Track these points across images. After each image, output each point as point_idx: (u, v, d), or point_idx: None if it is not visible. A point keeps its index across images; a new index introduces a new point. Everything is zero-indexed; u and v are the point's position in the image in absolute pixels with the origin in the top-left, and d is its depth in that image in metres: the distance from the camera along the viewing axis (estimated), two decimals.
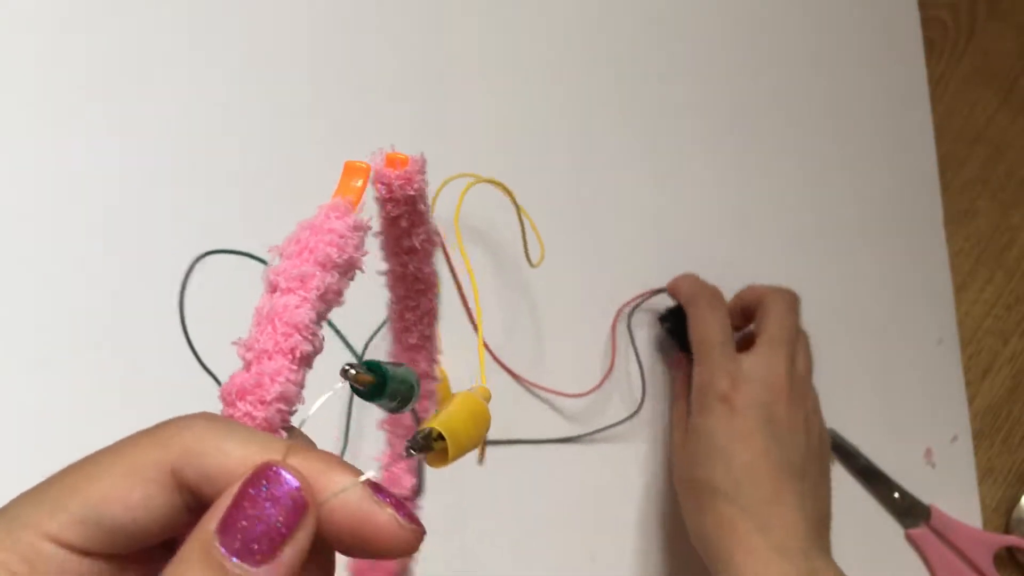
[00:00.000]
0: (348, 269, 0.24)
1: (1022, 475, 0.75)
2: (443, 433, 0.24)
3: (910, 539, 0.70)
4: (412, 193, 0.28)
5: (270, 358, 0.23)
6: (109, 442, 0.23)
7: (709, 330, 0.57)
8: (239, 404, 0.23)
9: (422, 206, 0.29)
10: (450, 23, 0.67)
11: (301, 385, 0.23)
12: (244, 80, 0.60)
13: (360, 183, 0.26)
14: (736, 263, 0.71)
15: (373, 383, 0.24)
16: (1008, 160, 0.82)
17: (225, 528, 0.19)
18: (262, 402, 0.23)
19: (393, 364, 0.26)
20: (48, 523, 0.21)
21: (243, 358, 0.23)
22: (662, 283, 0.66)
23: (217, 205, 0.56)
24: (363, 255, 0.25)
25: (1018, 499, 0.73)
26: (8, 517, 0.21)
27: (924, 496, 0.70)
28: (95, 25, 0.58)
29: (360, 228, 0.25)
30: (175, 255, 0.49)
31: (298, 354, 0.23)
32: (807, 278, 0.73)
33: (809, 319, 0.60)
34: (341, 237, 0.24)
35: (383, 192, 0.29)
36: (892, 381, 0.73)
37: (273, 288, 0.24)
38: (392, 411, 0.26)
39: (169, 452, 0.21)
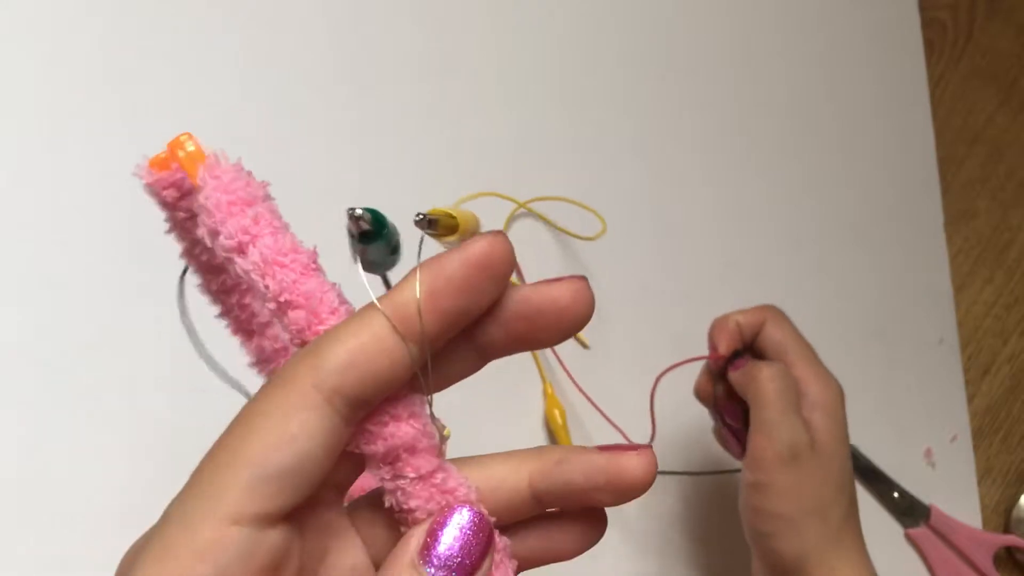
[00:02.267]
0: (267, 196, 0.24)
1: (1021, 475, 0.75)
2: (452, 213, 0.25)
3: (910, 539, 0.70)
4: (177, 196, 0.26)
5: (302, 283, 0.23)
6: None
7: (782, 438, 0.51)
8: (320, 328, 0.23)
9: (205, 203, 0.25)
10: (467, 32, 0.67)
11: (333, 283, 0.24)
12: (254, 87, 0.60)
13: (193, 147, 0.25)
14: (736, 263, 0.71)
15: (372, 225, 0.25)
16: (1008, 160, 0.82)
17: (426, 552, 0.22)
18: (333, 312, 0.23)
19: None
20: (224, 506, 0.21)
21: (280, 304, 0.23)
22: (662, 281, 0.66)
23: None
24: (263, 183, 0.25)
25: (1017, 499, 0.73)
26: (176, 519, 0.21)
27: (924, 496, 0.70)
28: (107, 26, 0.58)
29: (240, 167, 0.25)
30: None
31: (313, 264, 0.24)
32: (807, 278, 0.73)
33: (809, 319, 0.60)
34: (240, 177, 0.24)
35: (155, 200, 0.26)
36: (892, 381, 0.73)
37: (240, 248, 0.24)
38: (385, 261, 0.26)
39: (303, 379, 0.22)
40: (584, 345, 0.64)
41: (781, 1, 0.79)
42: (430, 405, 0.24)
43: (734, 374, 0.53)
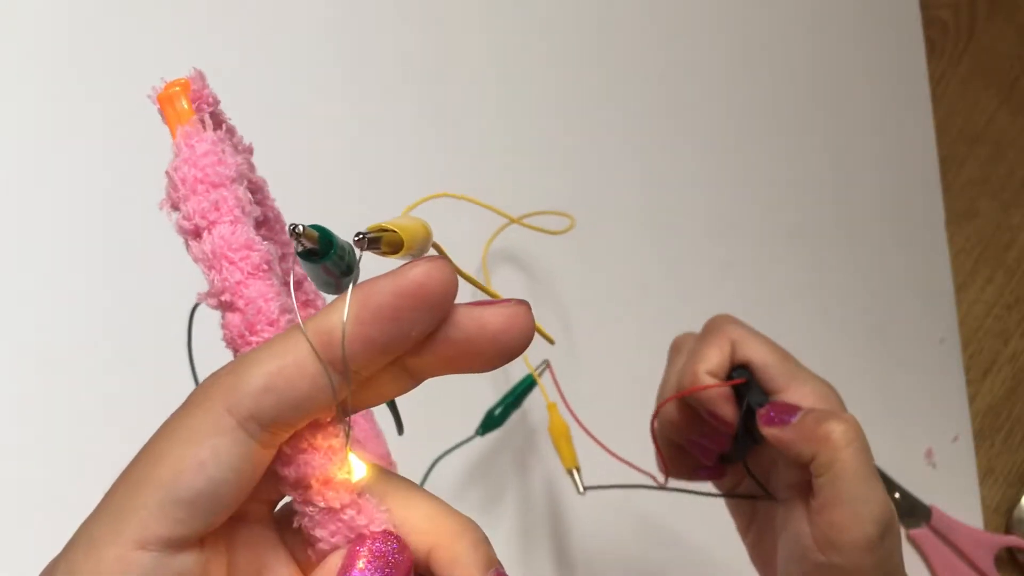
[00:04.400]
0: (241, 177, 0.23)
1: (1022, 475, 0.75)
2: (394, 227, 0.22)
3: (911, 539, 0.70)
4: (208, 109, 0.26)
5: (247, 286, 0.22)
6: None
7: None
8: (253, 339, 0.22)
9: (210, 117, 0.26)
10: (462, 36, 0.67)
11: (284, 290, 0.23)
12: (250, 87, 0.60)
13: (185, 103, 0.24)
14: (736, 263, 0.71)
15: (319, 244, 0.23)
16: (1008, 160, 0.82)
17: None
18: (271, 324, 0.22)
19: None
20: (131, 529, 0.20)
21: (221, 302, 0.23)
22: (662, 282, 0.66)
23: None
24: (246, 157, 0.24)
25: (1019, 499, 0.73)
26: (83, 542, 0.21)
27: (925, 496, 0.70)
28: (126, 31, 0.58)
29: (221, 139, 0.24)
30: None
31: (264, 266, 0.23)
32: (808, 278, 0.73)
33: (810, 319, 0.60)
34: (214, 153, 0.23)
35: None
36: (893, 381, 0.73)
37: (196, 232, 0.23)
38: (336, 281, 0.24)
39: (216, 402, 0.21)
40: (549, 342, 0.64)
41: (781, 1, 0.79)
42: (347, 435, 0.23)
43: (778, 431, 0.42)
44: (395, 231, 0.22)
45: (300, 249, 0.23)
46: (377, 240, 0.22)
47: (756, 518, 0.47)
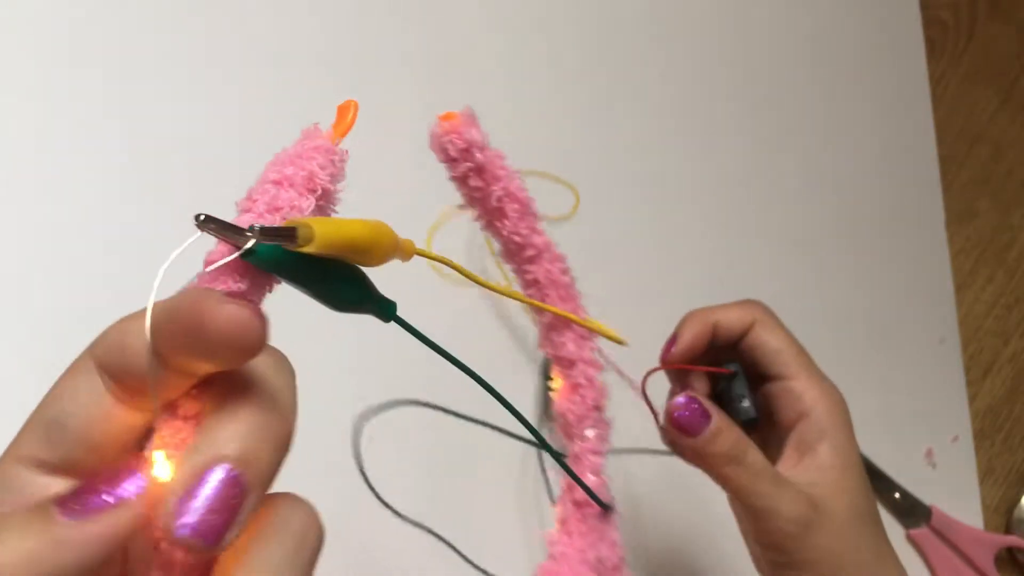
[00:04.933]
0: (310, 182, 0.24)
1: (1022, 475, 0.75)
2: (309, 224, 0.23)
3: (911, 540, 0.70)
4: (461, 145, 0.29)
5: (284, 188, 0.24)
6: None
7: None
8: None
9: (480, 156, 0.29)
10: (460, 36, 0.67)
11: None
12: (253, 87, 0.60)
13: (349, 118, 0.25)
14: (736, 263, 0.71)
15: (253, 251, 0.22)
16: (1008, 160, 0.82)
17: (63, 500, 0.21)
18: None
19: (321, 257, 0.23)
20: (13, 446, 0.23)
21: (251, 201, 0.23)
22: (661, 281, 0.66)
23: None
24: (331, 176, 0.24)
25: (1019, 499, 0.73)
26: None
27: (925, 496, 0.70)
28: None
29: (328, 150, 0.24)
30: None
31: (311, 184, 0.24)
32: (808, 278, 0.73)
33: (810, 319, 0.60)
34: (300, 157, 0.24)
35: (439, 156, 0.29)
36: (893, 381, 0.73)
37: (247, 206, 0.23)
38: (324, 301, 0.24)
39: (93, 352, 0.23)
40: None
41: (782, 1, 0.79)
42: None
43: (677, 437, 0.44)
44: (308, 227, 0.22)
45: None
46: (287, 234, 0.22)
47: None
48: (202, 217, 0.22)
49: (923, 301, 0.76)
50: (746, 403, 0.47)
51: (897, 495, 0.69)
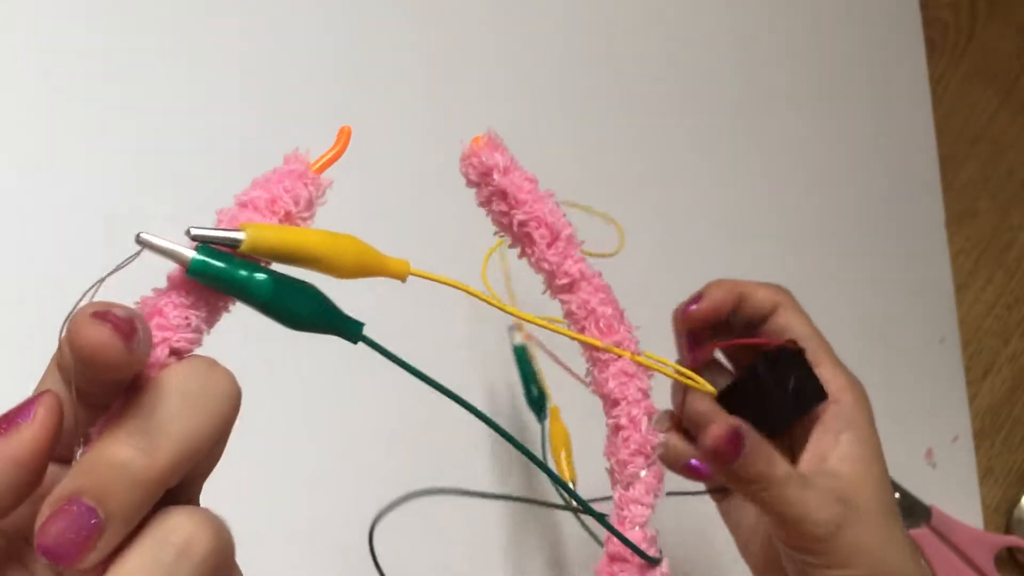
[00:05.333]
0: (273, 205, 0.25)
1: (1022, 475, 0.75)
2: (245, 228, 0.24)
3: None
4: (481, 169, 0.29)
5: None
6: None
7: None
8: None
9: (502, 179, 0.29)
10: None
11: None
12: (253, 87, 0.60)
13: (340, 145, 0.26)
14: (736, 263, 0.71)
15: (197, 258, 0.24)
16: (1009, 160, 0.82)
17: None
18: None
19: (283, 278, 0.25)
20: None
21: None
22: (659, 280, 0.66)
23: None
24: (295, 199, 0.25)
25: (1018, 499, 0.73)
26: None
27: (925, 496, 0.70)
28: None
29: (299, 175, 0.25)
30: None
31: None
32: (808, 278, 0.73)
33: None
34: (269, 181, 0.25)
35: (466, 179, 0.29)
36: (893, 381, 0.73)
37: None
38: (277, 318, 0.25)
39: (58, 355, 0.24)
40: None
41: (782, 1, 0.79)
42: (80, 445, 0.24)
43: (723, 462, 0.41)
44: (243, 230, 0.24)
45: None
46: (223, 240, 0.24)
47: (760, 528, 0.47)
48: (141, 236, 0.23)
49: (923, 301, 0.76)
50: (814, 381, 0.44)
51: (897, 495, 0.69)
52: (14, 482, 0.22)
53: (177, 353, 0.24)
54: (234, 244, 0.24)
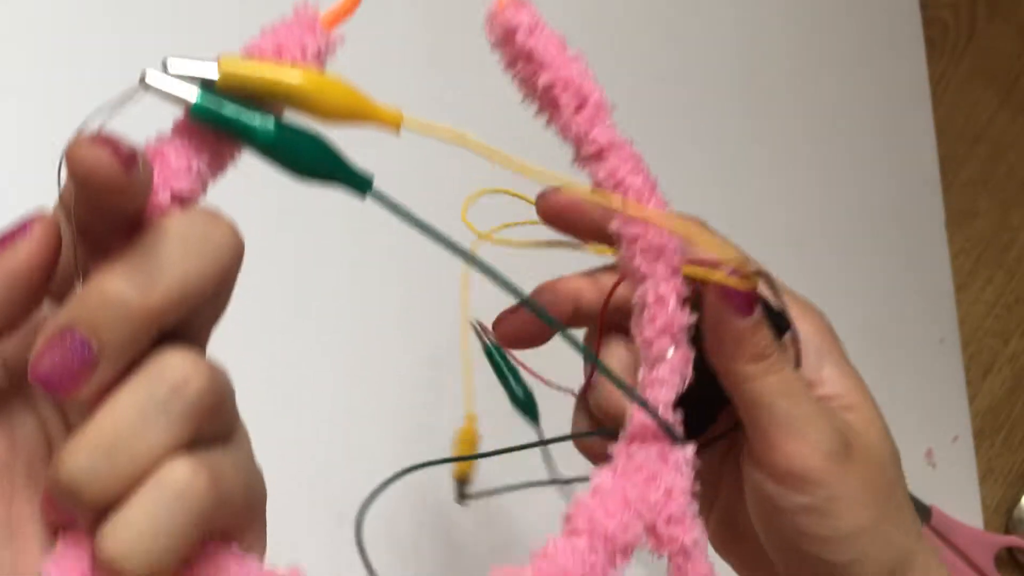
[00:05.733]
0: (281, 53, 0.24)
1: (1022, 475, 0.75)
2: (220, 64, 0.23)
3: None
4: (503, 28, 0.27)
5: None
6: None
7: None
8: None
9: (527, 40, 0.27)
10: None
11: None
12: None
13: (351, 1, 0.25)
14: None
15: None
16: (1009, 160, 0.82)
17: None
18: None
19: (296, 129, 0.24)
20: None
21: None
22: None
23: None
24: (302, 49, 0.24)
25: (1018, 499, 0.73)
26: None
27: (925, 496, 0.70)
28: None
29: (306, 25, 0.24)
30: None
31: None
32: (807, 278, 0.73)
33: None
34: (274, 30, 0.24)
35: (491, 40, 0.28)
36: (893, 381, 0.73)
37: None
38: (285, 166, 0.24)
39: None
40: None
41: (781, 1, 0.79)
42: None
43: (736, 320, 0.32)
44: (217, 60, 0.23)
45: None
46: (201, 68, 0.23)
47: (720, 491, 0.38)
48: (146, 77, 0.23)
49: (923, 301, 0.76)
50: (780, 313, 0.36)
51: None
52: (11, 297, 0.23)
53: (179, 199, 0.24)
54: (208, 78, 0.23)
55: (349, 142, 0.25)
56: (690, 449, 0.29)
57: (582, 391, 0.37)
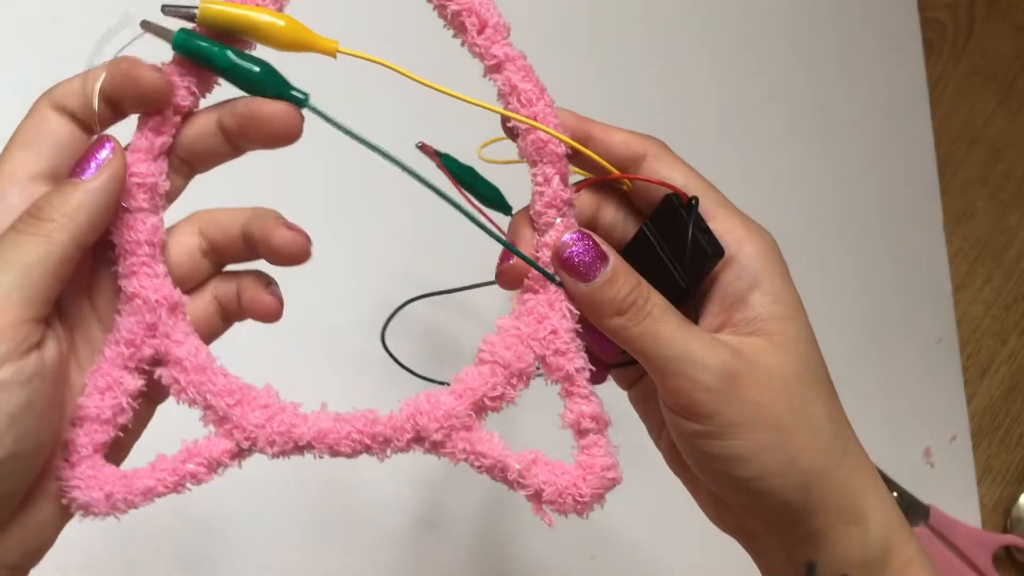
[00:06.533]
0: None
1: (1020, 474, 0.75)
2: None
3: None
4: None
5: None
6: None
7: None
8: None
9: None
10: None
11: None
12: None
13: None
14: None
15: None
16: (1007, 160, 0.82)
17: (71, 173, 0.32)
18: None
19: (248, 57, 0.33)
20: (12, 167, 0.33)
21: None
22: None
23: None
24: None
25: (1016, 498, 0.73)
26: None
27: (923, 495, 0.70)
28: None
29: None
30: None
31: None
32: (806, 278, 0.73)
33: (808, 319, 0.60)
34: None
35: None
36: (891, 380, 0.73)
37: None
38: (245, 88, 0.33)
39: (50, 98, 0.33)
40: None
41: (781, 1, 0.79)
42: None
43: (574, 283, 0.35)
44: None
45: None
46: (184, 12, 0.32)
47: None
48: (144, 20, 0.32)
49: (921, 301, 0.77)
50: (708, 237, 0.37)
51: (895, 494, 0.69)
52: (115, 200, 0.32)
53: (181, 110, 0.33)
54: (190, 14, 0.32)
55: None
56: (560, 291, 0.35)
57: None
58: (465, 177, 0.36)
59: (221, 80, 0.33)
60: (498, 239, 0.35)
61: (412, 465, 0.39)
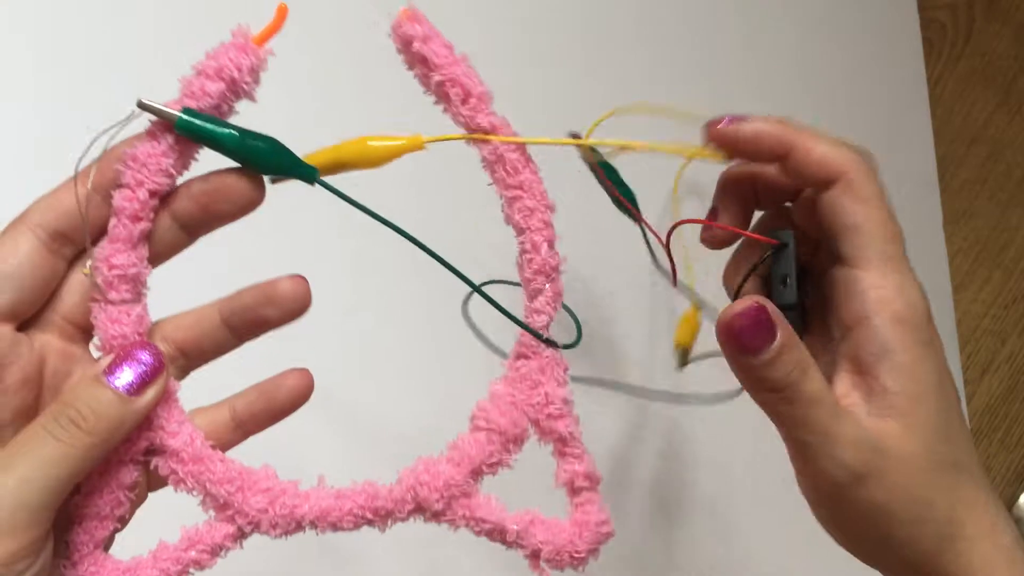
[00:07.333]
0: (221, 72, 0.31)
1: (1020, 474, 0.75)
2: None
3: None
4: (402, 38, 0.33)
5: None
6: None
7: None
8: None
9: (420, 47, 0.33)
10: None
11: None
12: None
13: (275, 22, 0.32)
14: None
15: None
16: (1006, 160, 0.82)
17: (110, 370, 0.31)
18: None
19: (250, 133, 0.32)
20: None
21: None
22: (659, 279, 0.66)
23: None
24: (239, 68, 0.31)
25: (1016, 498, 0.73)
26: None
27: None
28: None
29: (240, 48, 0.31)
30: None
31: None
32: None
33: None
34: (217, 53, 0.31)
35: (397, 47, 0.33)
36: None
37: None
38: (249, 165, 0.32)
39: (26, 218, 0.31)
40: None
41: (781, 1, 0.79)
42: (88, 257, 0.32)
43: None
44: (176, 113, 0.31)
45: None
46: (161, 113, 0.31)
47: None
48: (141, 101, 0.31)
49: None
50: (787, 283, 0.38)
51: None
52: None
53: (156, 194, 0.32)
54: (171, 119, 0.31)
55: None
56: (559, 353, 0.36)
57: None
58: (613, 174, 0.38)
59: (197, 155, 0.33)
60: (505, 313, 0.36)
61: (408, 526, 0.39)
